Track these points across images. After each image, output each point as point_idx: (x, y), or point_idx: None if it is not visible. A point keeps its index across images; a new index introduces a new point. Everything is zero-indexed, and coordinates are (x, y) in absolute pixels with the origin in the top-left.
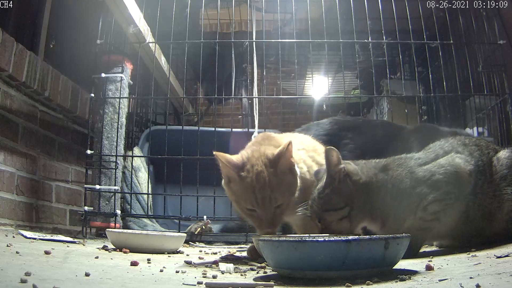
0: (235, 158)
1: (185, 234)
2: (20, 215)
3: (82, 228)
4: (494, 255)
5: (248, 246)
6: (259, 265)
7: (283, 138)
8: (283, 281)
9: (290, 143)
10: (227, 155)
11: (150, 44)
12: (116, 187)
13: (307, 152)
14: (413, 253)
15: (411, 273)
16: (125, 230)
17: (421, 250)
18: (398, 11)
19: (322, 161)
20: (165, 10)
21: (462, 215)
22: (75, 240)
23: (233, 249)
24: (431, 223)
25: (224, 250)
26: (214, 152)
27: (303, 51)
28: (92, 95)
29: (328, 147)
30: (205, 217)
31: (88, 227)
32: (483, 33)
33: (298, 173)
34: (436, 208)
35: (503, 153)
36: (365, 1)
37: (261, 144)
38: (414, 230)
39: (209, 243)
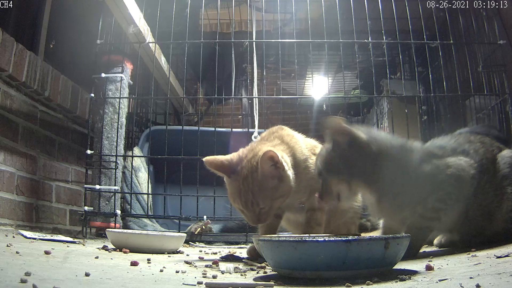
0: (230, 158)
1: (185, 234)
2: (20, 215)
3: (82, 228)
4: (494, 255)
5: (248, 246)
6: (259, 265)
7: (291, 135)
8: (283, 281)
9: (269, 151)
10: (218, 159)
11: (150, 44)
12: (116, 187)
13: (310, 150)
14: (413, 253)
15: (411, 273)
16: (125, 230)
17: (421, 250)
18: (398, 11)
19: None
20: (165, 10)
21: (461, 215)
22: (75, 240)
23: (233, 249)
24: (431, 222)
25: (224, 250)
26: (203, 159)
27: (303, 51)
28: (92, 95)
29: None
30: (205, 217)
31: (88, 227)
32: (483, 33)
33: (291, 175)
34: (437, 206)
35: (507, 152)
36: (365, 1)
37: (266, 140)
38: (414, 229)
39: (209, 243)
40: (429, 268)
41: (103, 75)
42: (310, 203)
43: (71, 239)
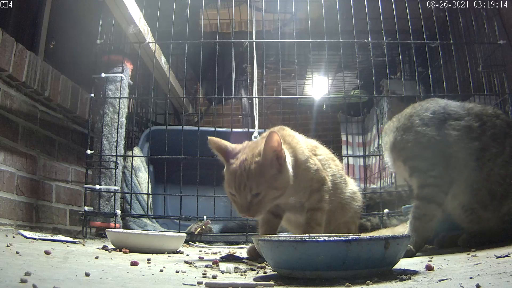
0: (234, 146)
1: (185, 234)
2: (20, 215)
3: (82, 228)
4: (494, 255)
5: (248, 246)
6: (259, 265)
7: (299, 137)
8: (283, 281)
9: (272, 133)
10: (222, 141)
11: (150, 44)
12: (116, 187)
13: (311, 151)
14: (412, 252)
15: (411, 273)
16: (125, 230)
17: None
18: (398, 11)
19: (320, 153)
20: (165, 10)
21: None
22: (75, 240)
23: (233, 249)
24: (428, 206)
25: (224, 250)
26: (209, 138)
27: (303, 51)
28: (92, 95)
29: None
30: (205, 217)
31: (88, 227)
32: (483, 33)
33: (290, 169)
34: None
35: None
36: (365, 1)
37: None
38: (414, 221)
39: (209, 243)
40: (429, 268)
41: (103, 75)
42: (310, 203)
43: (71, 239)
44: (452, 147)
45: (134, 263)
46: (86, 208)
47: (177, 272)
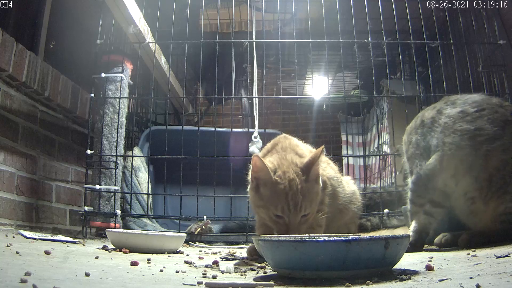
0: (268, 163)
1: (185, 234)
2: (20, 215)
3: (82, 228)
4: (494, 255)
5: (248, 246)
6: (259, 265)
7: (303, 146)
8: (283, 281)
9: (321, 152)
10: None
11: (150, 44)
12: (116, 187)
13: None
14: (414, 249)
15: (411, 273)
16: (125, 230)
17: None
18: (398, 11)
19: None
20: (165, 10)
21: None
22: (75, 240)
23: (233, 249)
24: (421, 188)
25: (224, 250)
26: (253, 155)
27: (303, 51)
28: (92, 95)
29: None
30: (205, 217)
31: (88, 227)
32: (483, 33)
33: (321, 184)
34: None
35: None
36: (365, 1)
37: (284, 151)
38: (411, 206)
39: (209, 243)
40: (429, 268)
41: (103, 75)
42: None
43: (71, 239)
44: (443, 132)
45: (134, 263)
46: (86, 208)
47: (177, 272)
